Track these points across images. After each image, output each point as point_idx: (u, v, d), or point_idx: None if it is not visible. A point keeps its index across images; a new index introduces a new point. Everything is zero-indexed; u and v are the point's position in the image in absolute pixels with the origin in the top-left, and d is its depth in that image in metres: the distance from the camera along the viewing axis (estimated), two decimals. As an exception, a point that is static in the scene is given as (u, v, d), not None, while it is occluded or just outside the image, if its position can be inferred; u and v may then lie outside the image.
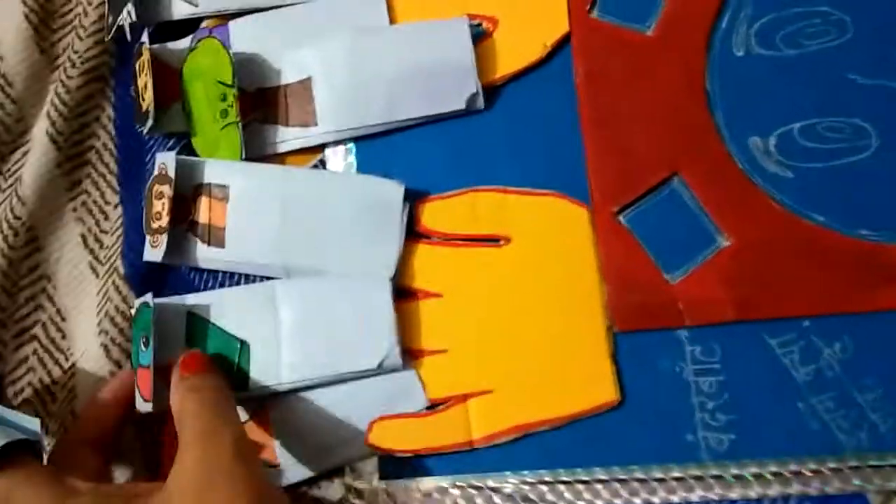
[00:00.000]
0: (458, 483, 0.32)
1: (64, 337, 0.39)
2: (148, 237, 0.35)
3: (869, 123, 0.32)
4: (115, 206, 0.40)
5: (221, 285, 0.36)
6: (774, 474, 0.30)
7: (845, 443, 0.29)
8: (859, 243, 0.31)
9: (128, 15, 0.39)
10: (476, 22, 0.36)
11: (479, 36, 0.36)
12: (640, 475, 0.30)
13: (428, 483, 0.32)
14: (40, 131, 0.40)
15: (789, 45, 0.34)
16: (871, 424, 0.29)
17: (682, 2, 0.35)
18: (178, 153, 0.37)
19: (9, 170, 0.41)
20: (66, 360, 0.38)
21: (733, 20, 0.34)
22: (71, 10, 0.43)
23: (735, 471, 0.30)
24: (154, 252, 0.35)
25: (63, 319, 0.39)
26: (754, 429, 0.30)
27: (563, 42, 0.35)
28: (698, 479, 0.30)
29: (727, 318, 0.31)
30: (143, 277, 0.37)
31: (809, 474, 0.29)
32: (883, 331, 0.30)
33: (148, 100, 0.37)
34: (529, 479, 0.31)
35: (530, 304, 0.33)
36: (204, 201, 0.36)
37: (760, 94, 0.33)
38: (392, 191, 0.34)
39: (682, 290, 0.32)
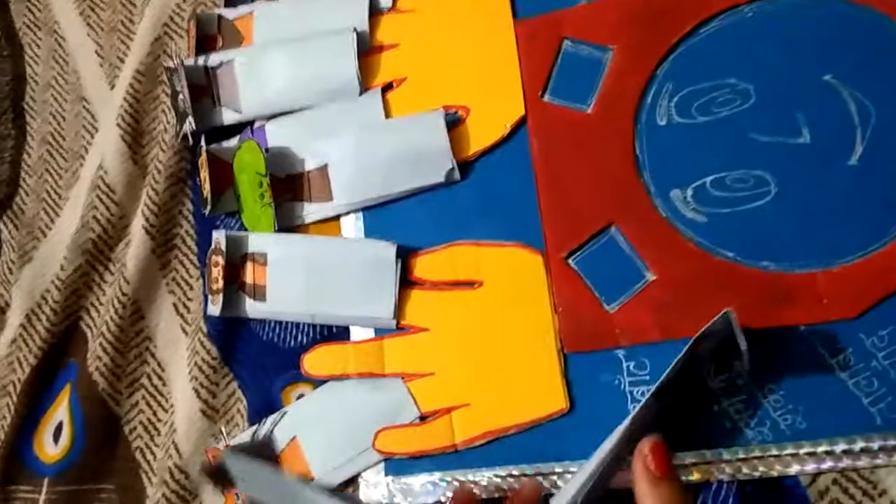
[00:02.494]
0: (445, 477, 0.40)
1: (164, 384, 0.49)
2: (209, 297, 0.46)
3: (768, 174, 0.39)
4: (198, 279, 0.51)
5: (281, 335, 0.46)
6: (693, 464, 0.36)
7: (750, 437, 0.36)
8: (761, 273, 0.38)
9: (189, 124, 0.50)
10: (453, 111, 0.46)
11: (455, 122, 0.45)
12: (587, 468, 0.38)
13: (422, 478, 0.40)
14: (137, 226, 0.52)
15: (702, 113, 0.41)
16: (772, 421, 0.36)
17: (614, 83, 0.43)
18: (239, 229, 0.48)
19: (116, 257, 0.53)
20: (167, 401, 0.49)
21: (657, 95, 0.42)
22: (155, 129, 0.55)
23: (664, 463, 0.37)
24: (213, 308, 0.45)
25: (163, 370, 0.50)
26: (677, 427, 0.37)
27: (521, 122, 0.44)
28: (634, 470, 0.37)
29: (654, 338, 0.38)
30: (221, 333, 0.48)
31: (723, 464, 0.36)
32: (781, 344, 0.37)
33: (206, 190, 0.48)
34: (500, 473, 0.39)
35: (498, 334, 0.41)
36: (249, 266, 0.46)
37: (679, 155, 0.41)
38: (387, 250, 0.43)
39: (619, 318, 0.39)
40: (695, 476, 0.36)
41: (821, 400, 0.35)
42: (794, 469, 0.35)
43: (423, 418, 0.41)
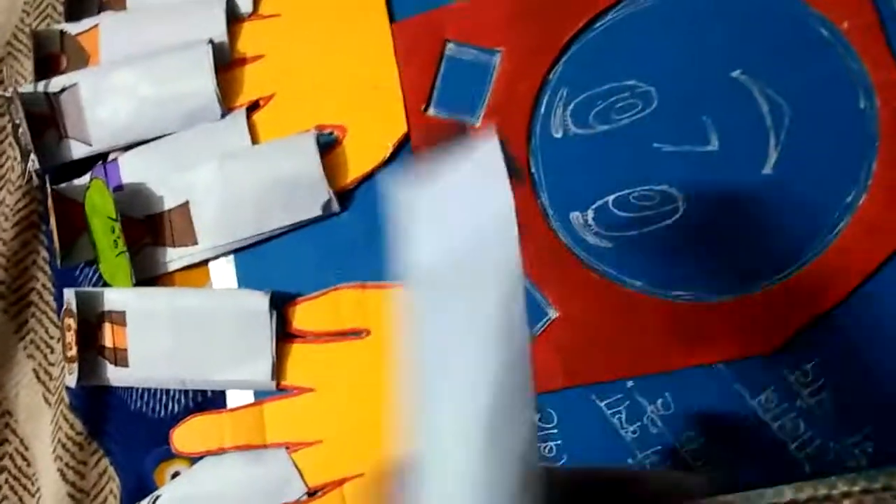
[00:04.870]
0: (339, 561, 0.35)
1: (29, 464, 0.43)
2: (65, 365, 0.40)
3: (674, 189, 0.35)
4: (58, 341, 0.44)
5: (150, 403, 0.40)
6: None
7: (670, 494, 0.32)
8: (674, 304, 0.34)
9: (32, 162, 0.44)
10: (328, 131, 0.40)
11: (330, 144, 0.40)
12: (495, 539, 0.33)
13: (314, 563, 0.36)
14: None
15: (601, 122, 0.36)
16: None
17: (504, 91, 0.38)
18: (99, 279, 0.42)
19: None
20: (33, 484, 0.43)
21: (550, 103, 0.37)
22: (2, 167, 0.48)
23: (578, 527, 0.33)
24: (70, 378, 0.40)
25: (26, 448, 0.44)
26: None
27: (405, 140, 0.39)
28: (545, 538, 0.33)
29: (558, 385, 0.34)
30: (85, 404, 0.42)
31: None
32: (699, 385, 0.33)
33: (55, 238, 0.42)
34: (401, 551, 0.35)
35: (391, 390, 0.36)
36: (107, 327, 0.40)
37: (578, 171, 0.36)
38: (259, 301, 0.38)
39: (521, 364, 0.35)
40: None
41: (745, 447, 0.32)
42: (717, 528, 0.31)
43: (311, 494, 0.36)
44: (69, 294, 0.40)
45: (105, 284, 0.42)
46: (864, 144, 0.33)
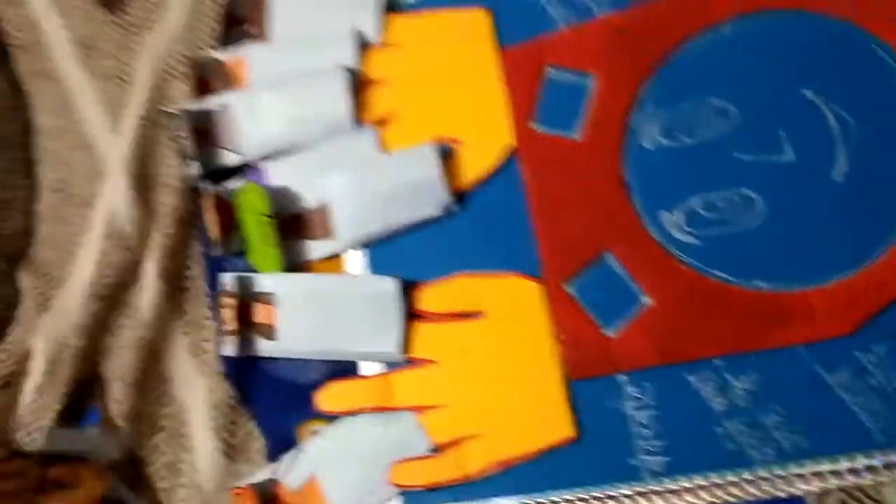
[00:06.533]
0: (460, 508, 0.41)
1: (184, 425, 0.51)
2: (223, 338, 0.48)
3: (755, 193, 0.40)
4: (210, 320, 0.52)
5: (291, 371, 0.48)
6: (701, 487, 0.37)
7: (754, 458, 0.37)
8: (755, 294, 0.39)
9: (193, 167, 0.52)
10: (445, 143, 0.47)
11: (448, 153, 0.46)
12: (596, 494, 0.39)
13: (438, 509, 0.42)
14: (150, 270, 0.53)
15: (686, 135, 0.42)
16: (775, 442, 0.37)
17: (599, 109, 0.43)
18: (246, 268, 0.50)
19: (130, 301, 0.54)
20: (188, 442, 0.51)
21: (641, 119, 0.43)
22: (161, 173, 0.56)
23: (671, 486, 0.38)
24: (228, 349, 0.47)
25: (182, 411, 0.52)
26: (683, 451, 0.38)
27: (512, 151, 0.45)
28: (642, 494, 0.38)
29: (652, 363, 0.39)
30: (236, 373, 0.49)
31: (729, 486, 0.37)
32: (779, 364, 0.37)
33: (214, 232, 0.50)
34: (513, 503, 0.40)
35: (504, 364, 0.42)
36: (258, 306, 0.47)
37: (667, 177, 0.41)
38: (389, 286, 0.44)
39: (617, 343, 0.40)
40: (704, 499, 0.37)
41: (821, 419, 0.36)
42: (799, 489, 0.36)
43: (435, 450, 0.42)
44: (228, 277, 0.48)
45: (251, 272, 0.49)
46: (927, 154, 0.37)
